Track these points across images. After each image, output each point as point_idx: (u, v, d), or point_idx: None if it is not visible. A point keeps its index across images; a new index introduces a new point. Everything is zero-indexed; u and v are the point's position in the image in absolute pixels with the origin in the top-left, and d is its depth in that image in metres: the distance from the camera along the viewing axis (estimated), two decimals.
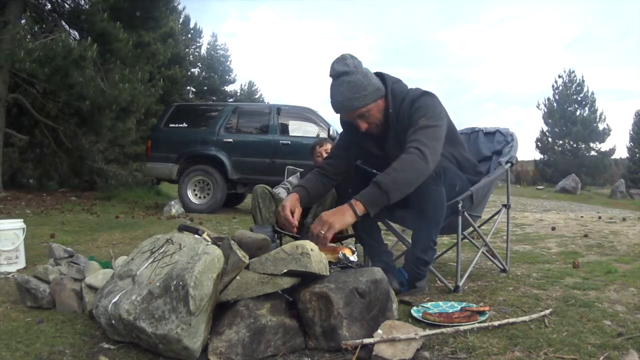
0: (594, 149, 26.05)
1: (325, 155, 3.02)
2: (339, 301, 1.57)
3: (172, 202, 6.84)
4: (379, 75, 2.11)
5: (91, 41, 7.48)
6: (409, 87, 2.16)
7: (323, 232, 1.80)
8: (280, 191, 3.22)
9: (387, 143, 2.13)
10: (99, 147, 10.82)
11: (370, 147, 2.19)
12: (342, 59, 2.00)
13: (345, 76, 1.98)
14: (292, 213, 2.02)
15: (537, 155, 27.64)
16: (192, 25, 26.08)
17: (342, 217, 1.83)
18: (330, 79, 2.03)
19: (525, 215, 6.55)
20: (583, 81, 26.21)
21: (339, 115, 2.12)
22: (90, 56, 7.37)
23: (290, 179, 3.37)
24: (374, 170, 2.38)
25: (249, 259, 1.65)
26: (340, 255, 1.86)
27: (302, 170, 3.42)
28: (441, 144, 1.98)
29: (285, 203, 2.03)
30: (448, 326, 1.67)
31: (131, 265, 1.75)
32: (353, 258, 1.87)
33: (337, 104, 2.01)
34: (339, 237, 2.80)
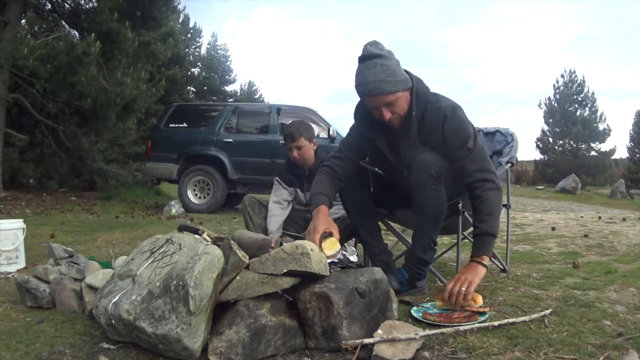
0: (594, 149, 26.04)
1: (295, 152, 2.87)
2: (339, 301, 1.57)
3: (172, 202, 6.84)
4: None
5: (95, 38, 7.48)
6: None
7: (466, 289, 1.84)
8: (274, 211, 2.86)
9: (402, 145, 2.08)
10: (99, 147, 10.84)
11: (382, 147, 2.13)
12: (376, 43, 1.95)
13: (378, 59, 1.90)
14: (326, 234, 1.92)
15: (538, 155, 27.67)
16: (191, 25, 26.11)
17: (478, 274, 1.91)
18: (358, 62, 1.95)
19: (525, 215, 6.55)
20: (584, 81, 26.20)
21: (363, 100, 2.00)
22: (94, 52, 7.37)
23: (280, 192, 2.95)
24: (378, 170, 2.37)
25: (249, 259, 1.65)
26: (340, 255, 1.87)
27: (277, 178, 3.02)
28: (490, 160, 2.13)
29: (318, 227, 1.91)
30: (448, 326, 1.67)
31: (131, 265, 1.75)
32: (353, 258, 1.87)
33: (368, 85, 1.90)
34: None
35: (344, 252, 1.89)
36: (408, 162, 2.04)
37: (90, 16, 8.51)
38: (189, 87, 24.06)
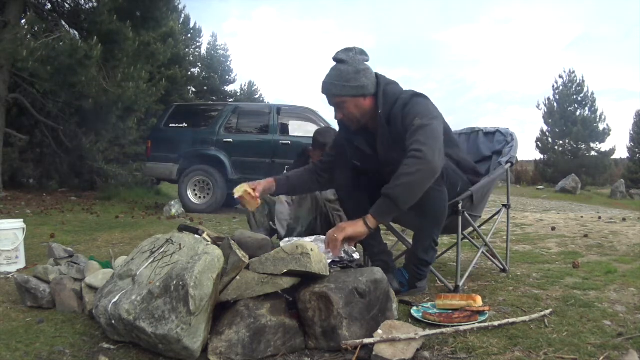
0: (594, 149, 25.99)
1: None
2: (339, 301, 1.57)
3: (172, 202, 6.84)
4: (376, 76, 2.12)
5: (97, 40, 7.48)
6: (405, 89, 2.17)
7: (336, 236, 1.88)
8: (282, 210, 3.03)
9: (377, 143, 2.15)
10: (99, 147, 10.79)
11: (362, 146, 2.21)
12: (346, 50, 2.09)
13: (340, 64, 2.07)
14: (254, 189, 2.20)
15: (537, 155, 27.62)
16: (192, 25, 26.05)
17: (355, 226, 1.91)
18: None
19: (525, 215, 6.55)
20: (583, 81, 26.13)
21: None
22: (96, 55, 7.37)
23: None
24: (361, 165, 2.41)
25: (249, 259, 1.65)
26: (342, 253, 1.88)
27: (288, 166, 3.33)
28: (441, 140, 1.98)
29: (252, 183, 2.22)
30: (448, 326, 1.68)
31: (131, 265, 1.75)
32: (356, 256, 1.89)
33: (322, 84, 2.11)
34: None
35: (345, 250, 1.90)
36: (389, 160, 2.08)
37: (90, 16, 8.50)
38: (189, 87, 24.02)
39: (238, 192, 2.16)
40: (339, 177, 2.31)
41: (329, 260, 1.82)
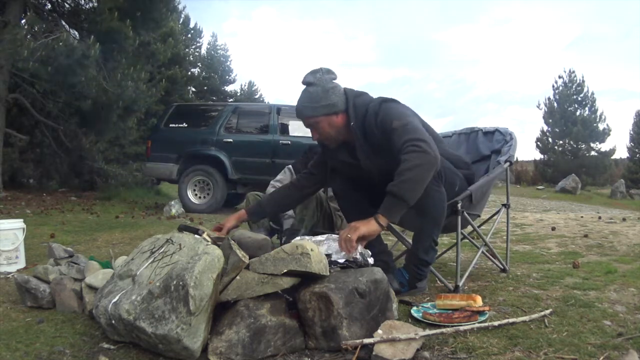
0: (594, 149, 26.00)
1: None
2: (339, 301, 1.57)
3: (172, 202, 6.83)
4: (345, 92, 2.16)
5: (94, 40, 7.48)
6: (375, 97, 2.20)
7: (350, 236, 1.86)
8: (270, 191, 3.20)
9: (358, 154, 2.17)
10: (99, 147, 10.81)
11: (344, 158, 2.23)
12: (313, 72, 2.14)
13: (309, 86, 2.12)
14: (221, 228, 2.25)
15: (537, 155, 27.64)
16: (192, 25, 26.09)
17: (368, 225, 1.90)
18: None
19: (525, 215, 6.55)
20: (583, 81, 26.14)
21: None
22: (93, 55, 7.38)
23: (278, 177, 3.31)
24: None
25: (249, 259, 1.65)
26: (358, 255, 1.87)
27: (291, 165, 3.35)
28: (425, 132, 2.01)
29: (220, 224, 2.30)
30: (448, 326, 1.68)
31: (131, 265, 1.75)
32: (371, 260, 1.89)
33: (295, 110, 2.17)
34: None
35: (361, 252, 1.90)
36: (372, 167, 2.11)
37: (90, 16, 8.50)
38: (189, 87, 24.02)
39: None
40: (333, 180, 2.33)
41: (343, 259, 1.81)
